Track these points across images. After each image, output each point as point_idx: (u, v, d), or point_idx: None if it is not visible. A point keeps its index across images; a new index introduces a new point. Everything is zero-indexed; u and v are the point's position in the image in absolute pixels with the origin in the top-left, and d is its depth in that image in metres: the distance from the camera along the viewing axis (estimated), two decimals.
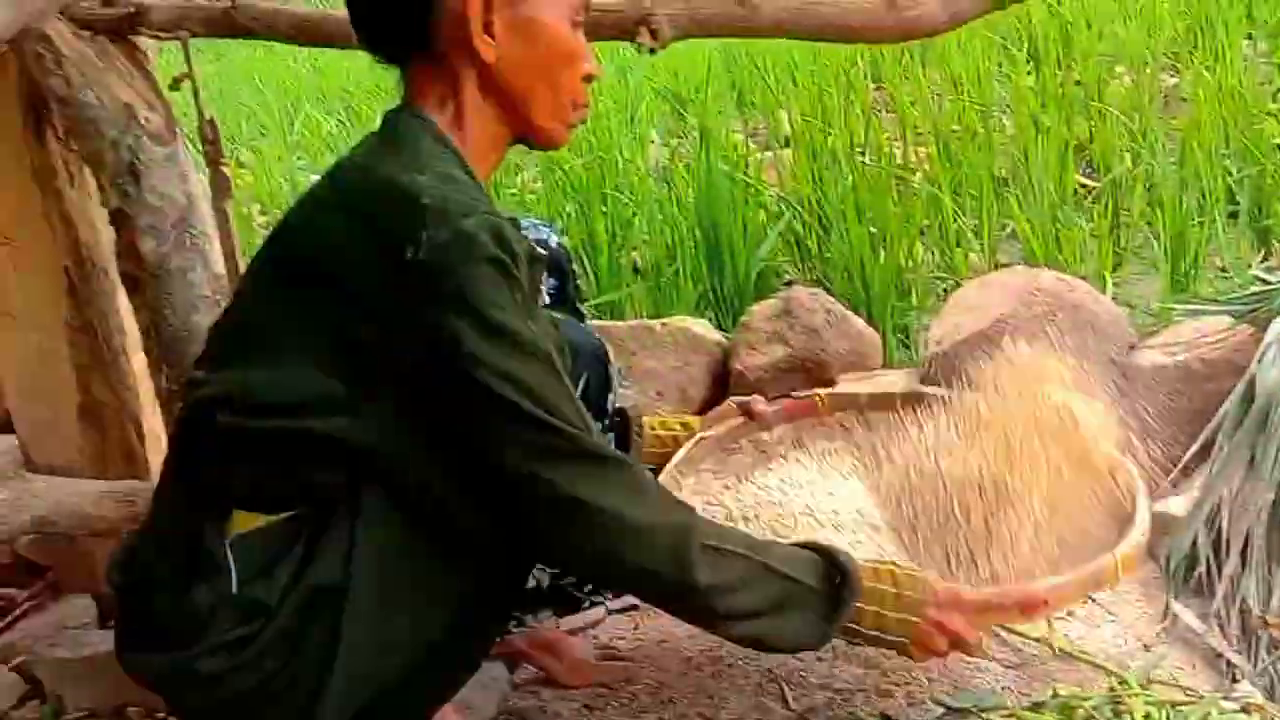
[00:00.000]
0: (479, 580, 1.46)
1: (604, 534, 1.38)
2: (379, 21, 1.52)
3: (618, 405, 1.86)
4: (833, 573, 1.50)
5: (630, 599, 2.07)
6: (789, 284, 2.94)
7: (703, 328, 2.51)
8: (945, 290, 2.82)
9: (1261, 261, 2.74)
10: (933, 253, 3.00)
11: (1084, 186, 3.22)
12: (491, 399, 1.34)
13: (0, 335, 2.15)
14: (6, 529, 1.87)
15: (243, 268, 2.00)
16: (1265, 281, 2.38)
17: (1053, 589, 1.60)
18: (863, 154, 3.30)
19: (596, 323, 2.35)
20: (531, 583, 1.77)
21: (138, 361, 2.15)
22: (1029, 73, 3.94)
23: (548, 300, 1.85)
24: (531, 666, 1.92)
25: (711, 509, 1.89)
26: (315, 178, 4.15)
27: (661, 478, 1.86)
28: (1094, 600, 1.94)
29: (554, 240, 1.88)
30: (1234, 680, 1.74)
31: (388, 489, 1.41)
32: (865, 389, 2.09)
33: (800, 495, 1.90)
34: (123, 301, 2.11)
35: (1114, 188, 3.04)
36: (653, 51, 1.80)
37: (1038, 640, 1.84)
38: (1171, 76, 3.96)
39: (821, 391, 2.10)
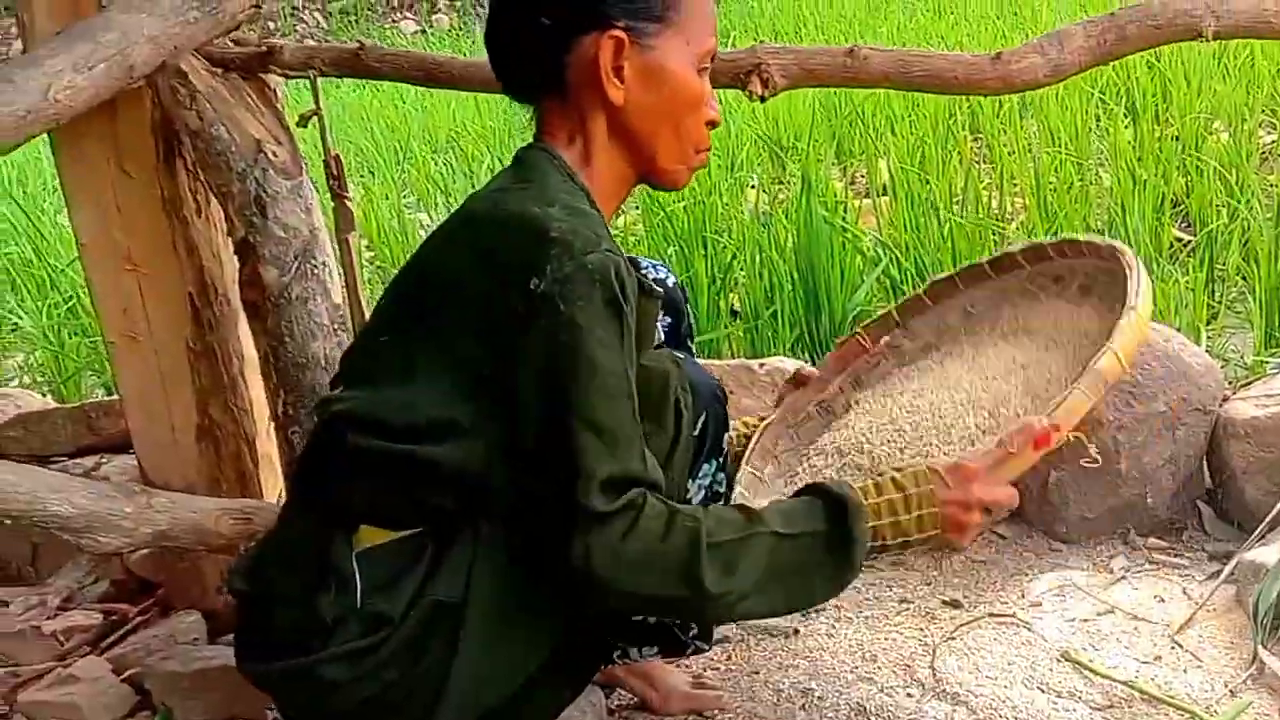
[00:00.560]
0: (578, 601, 1.50)
1: (610, 577, 1.40)
2: (516, 62, 1.59)
3: None
4: (835, 508, 1.51)
5: (723, 630, 2.10)
6: None
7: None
8: None
9: None
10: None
11: (1180, 240, 3.22)
12: (563, 430, 1.38)
13: (126, 357, 2.21)
14: (130, 542, 1.92)
15: (361, 298, 2.09)
16: None
17: (1056, 414, 1.55)
18: (959, 203, 3.32)
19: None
20: (639, 617, 1.82)
21: (255, 386, 2.22)
22: (1126, 127, 3.95)
23: (662, 338, 1.90)
24: (626, 692, 1.95)
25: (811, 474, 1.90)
26: (422, 216, 4.28)
27: (741, 478, 1.89)
28: (1181, 646, 1.95)
29: (671, 280, 1.91)
30: None
31: (500, 514, 1.47)
32: (893, 306, 2.09)
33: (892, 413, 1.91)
34: (243, 328, 2.19)
35: (1210, 242, 3.03)
36: (763, 99, 1.85)
37: (1125, 684, 1.85)
38: (1269, 133, 3.95)
39: (859, 329, 2.10)
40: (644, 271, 1.60)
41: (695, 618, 1.65)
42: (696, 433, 1.69)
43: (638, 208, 3.82)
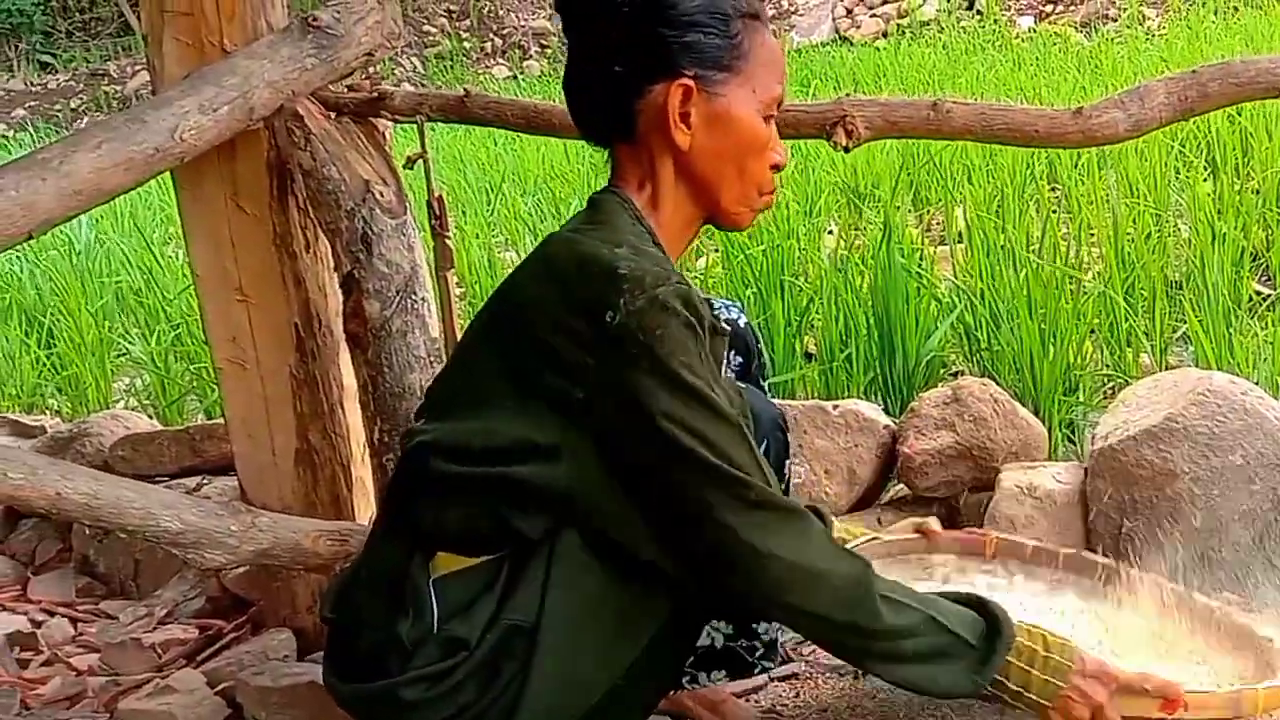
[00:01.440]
0: (660, 629, 1.56)
1: (778, 578, 1.47)
2: (591, 108, 1.67)
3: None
4: (989, 628, 1.57)
5: (793, 667, 2.15)
6: (956, 375, 3.01)
7: (873, 411, 2.59)
8: (1114, 388, 2.85)
9: None
10: (1102, 351, 3.04)
11: (1259, 294, 3.23)
12: (677, 450, 1.45)
13: (233, 382, 2.32)
14: (234, 559, 2.02)
15: (456, 332, 2.17)
16: None
17: (1195, 694, 1.63)
18: (1036, 252, 3.36)
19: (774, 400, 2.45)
20: (706, 641, 1.87)
21: (353, 414, 2.31)
22: (1206, 180, 3.96)
23: (732, 375, 1.95)
24: None
25: None
26: (511, 254, 4.36)
27: None
28: None
29: (742, 320, 1.97)
30: None
31: (582, 535, 1.52)
32: (1031, 541, 2.13)
33: None
34: (344, 358, 2.28)
35: None
36: (847, 150, 1.91)
37: None
38: None
39: (993, 534, 2.14)
40: (716, 311, 1.67)
41: (837, 646, 1.63)
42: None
43: (717, 250, 3.89)
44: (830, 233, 4.11)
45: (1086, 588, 2.04)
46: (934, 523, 2.09)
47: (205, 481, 2.82)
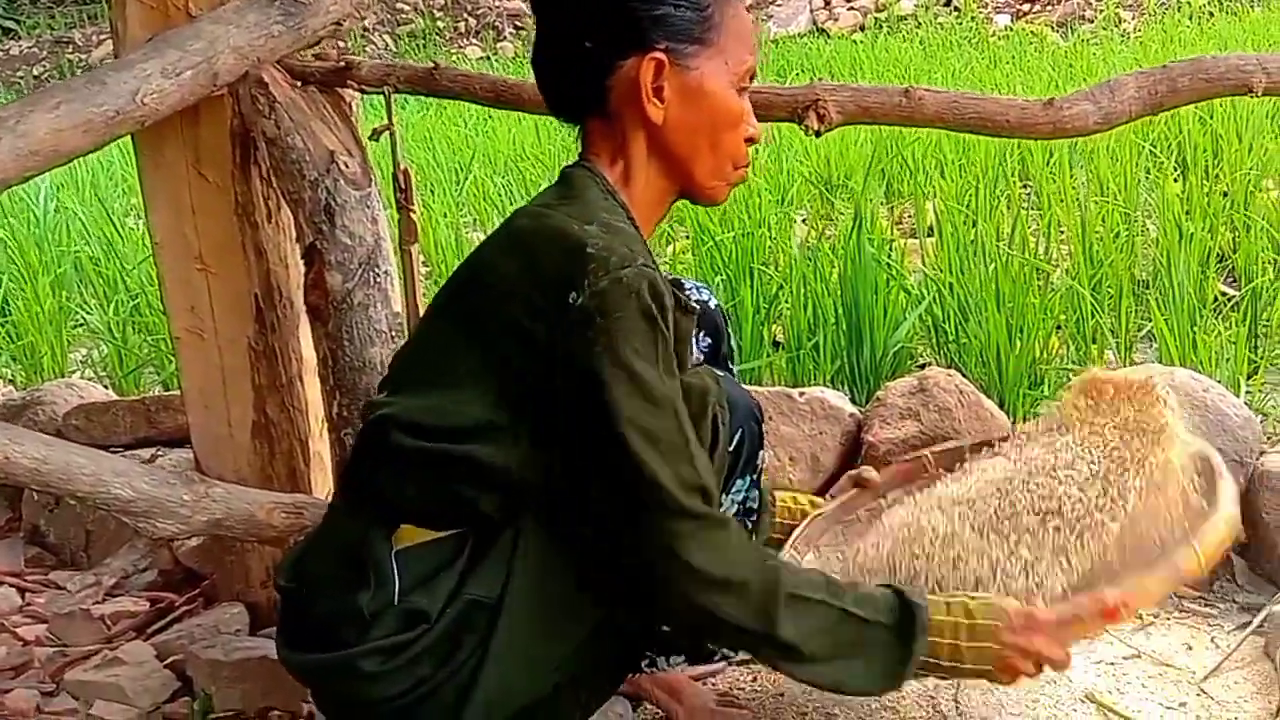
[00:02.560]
0: (618, 611, 1.55)
1: (689, 585, 1.46)
2: (561, 84, 1.65)
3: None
4: (906, 614, 1.57)
5: None
6: (923, 366, 3.00)
7: (839, 399, 2.58)
8: None
9: None
10: (1068, 346, 3.04)
11: (1224, 295, 3.24)
12: (616, 441, 1.44)
13: (190, 352, 2.28)
14: (186, 529, 1.99)
15: (420, 307, 2.15)
16: None
17: (1130, 592, 1.60)
18: (1007, 247, 3.36)
19: None
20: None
21: (312, 387, 2.28)
22: (1176, 180, 3.98)
23: (700, 357, 1.94)
24: (654, 707, 1.98)
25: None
26: (479, 234, 4.34)
27: (782, 556, 1.90)
28: (1206, 694, 1.97)
29: (713, 302, 1.96)
30: None
31: (540, 516, 1.51)
32: (969, 441, 2.13)
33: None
34: (304, 331, 2.25)
35: (1254, 297, 3.06)
36: (818, 134, 1.90)
37: None
38: None
39: (927, 452, 2.14)
40: (686, 292, 1.65)
41: (752, 650, 1.66)
42: (732, 448, 1.74)
43: (688, 237, 3.89)
44: (803, 222, 4.10)
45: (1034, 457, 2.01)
46: (869, 471, 2.10)
47: (160, 453, 2.79)
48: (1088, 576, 1.71)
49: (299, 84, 2.15)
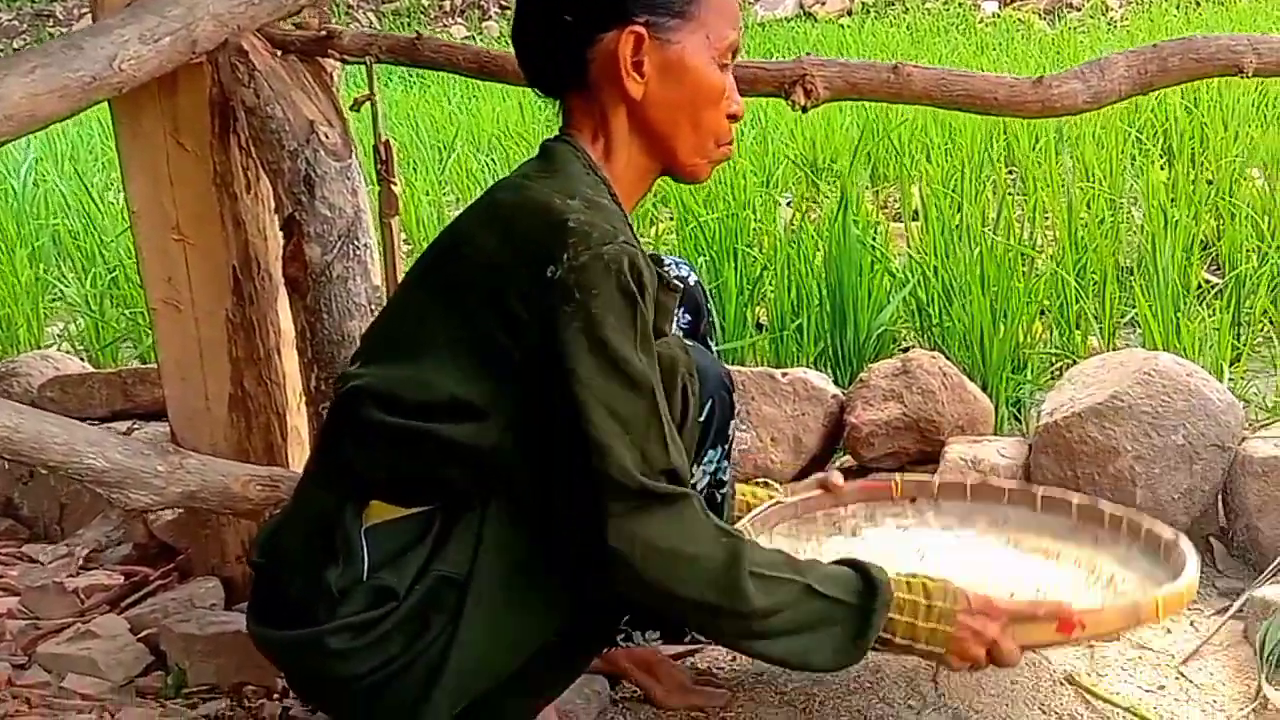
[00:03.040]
0: (590, 587, 1.53)
1: (647, 563, 1.44)
2: (541, 58, 1.63)
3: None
4: (865, 587, 1.55)
5: None
6: (907, 349, 2.99)
7: (822, 380, 2.57)
8: (1061, 368, 2.85)
9: None
10: (1052, 331, 3.04)
11: (1208, 283, 3.24)
12: (583, 418, 1.42)
13: (166, 324, 2.26)
14: (160, 500, 1.96)
15: (399, 281, 2.12)
16: None
17: (1089, 611, 1.63)
18: (990, 229, 3.35)
19: None
20: None
21: (290, 361, 2.26)
22: (1162, 167, 3.97)
23: (680, 334, 1.92)
24: (631, 684, 1.97)
25: None
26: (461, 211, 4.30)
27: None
28: (1185, 677, 1.97)
29: (692, 278, 1.94)
30: None
31: (510, 493, 1.49)
32: (938, 478, 2.14)
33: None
34: (282, 304, 2.23)
35: (1238, 285, 3.05)
36: (804, 109, 1.88)
37: (1127, 710, 1.87)
38: None
39: (898, 476, 2.15)
40: (666, 268, 1.64)
41: (714, 631, 1.65)
42: (702, 418, 1.72)
43: (672, 217, 3.86)
44: (787, 204, 4.09)
45: (997, 515, 2.05)
46: (837, 476, 2.09)
47: (136, 426, 2.77)
48: None
49: (279, 53, 2.12)
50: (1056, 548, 1.98)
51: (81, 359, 3.37)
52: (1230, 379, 2.72)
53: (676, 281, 1.61)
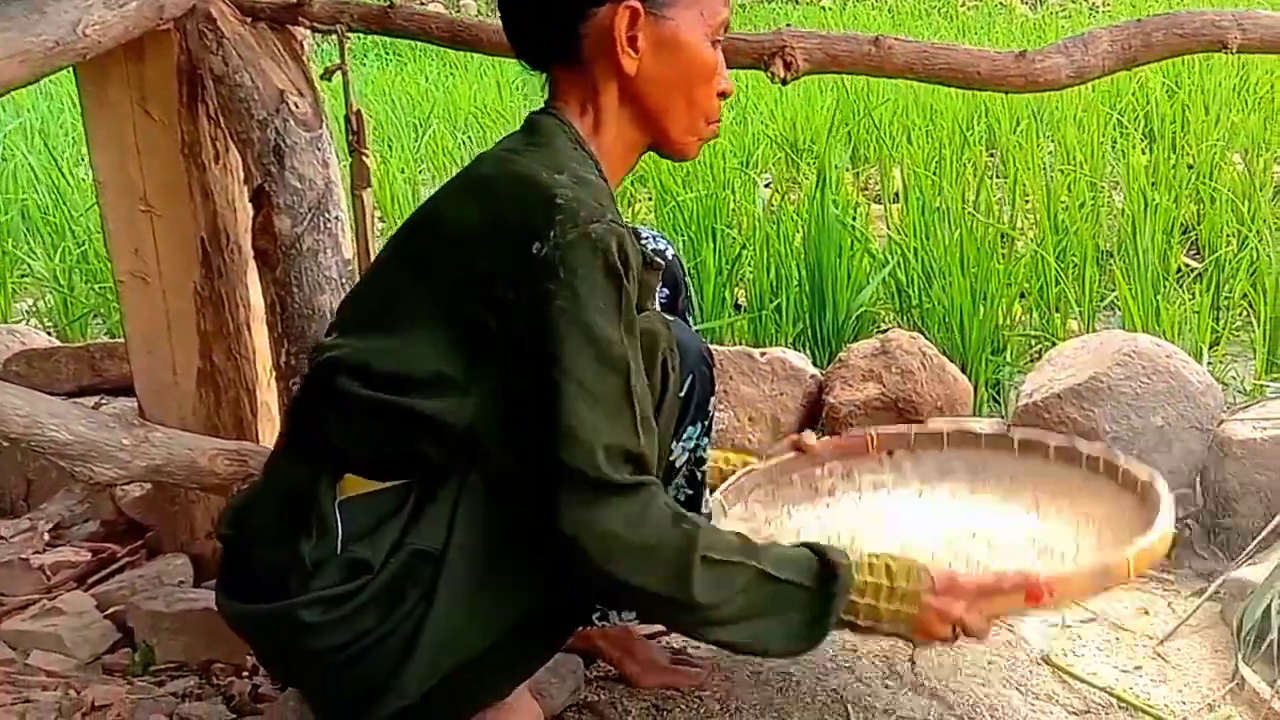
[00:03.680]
0: (564, 567, 1.51)
1: (603, 551, 1.41)
2: (531, 29, 1.60)
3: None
4: (823, 570, 1.52)
5: None
6: (886, 330, 2.98)
7: (801, 360, 2.54)
8: (1040, 350, 2.84)
9: None
10: (1031, 314, 3.03)
11: (1188, 267, 3.23)
12: (559, 397, 1.39)
13: (134, 296, 2.23)
14: (125, 474, 1.92)
15: (372, 254, 2.09)
16: None
17: (1057, 578, 1.59)
18: (972, 213, 3.34)
19: None
20: None
21: (259, 335, 2.23)
22: (1143, 151, 3.97)
23: (658, 309, 1.90)
24: (605, 663, 1.95)
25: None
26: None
27: (709, 501, 1.87)
28: (1162, 658, 1.95)
29: (670, 252, 1.91)
30: None
31: (485, 469, 1.47)
32: (913, 427, 2.11)
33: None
34: (252, 277, 2.20)
35: (1217, 268, 3.04)
36: (784, 82, 1.85)
37: (1103, 690, 1.86)
38: None
39: (873, 430, 2.12)
40: (644, 242, 1.61)
41: (667, 619, 1.64)
42: (682, 394, 1.70)
43: (650, 197, 3.84)
44: (766, 185, 4.06)
45: (974, 461, 2.03)
46: (810, 436, 2.07)
47: (104, 401, 2.73)
48: None
49: (248, 20, 2.09)
50: (1039, 496, 1.95)
51: (49, 334, 3.32)
52: (1209, 362, 2.72)
53: (658, 259, 1.58)
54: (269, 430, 2.26)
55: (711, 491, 1.92)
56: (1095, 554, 1.74)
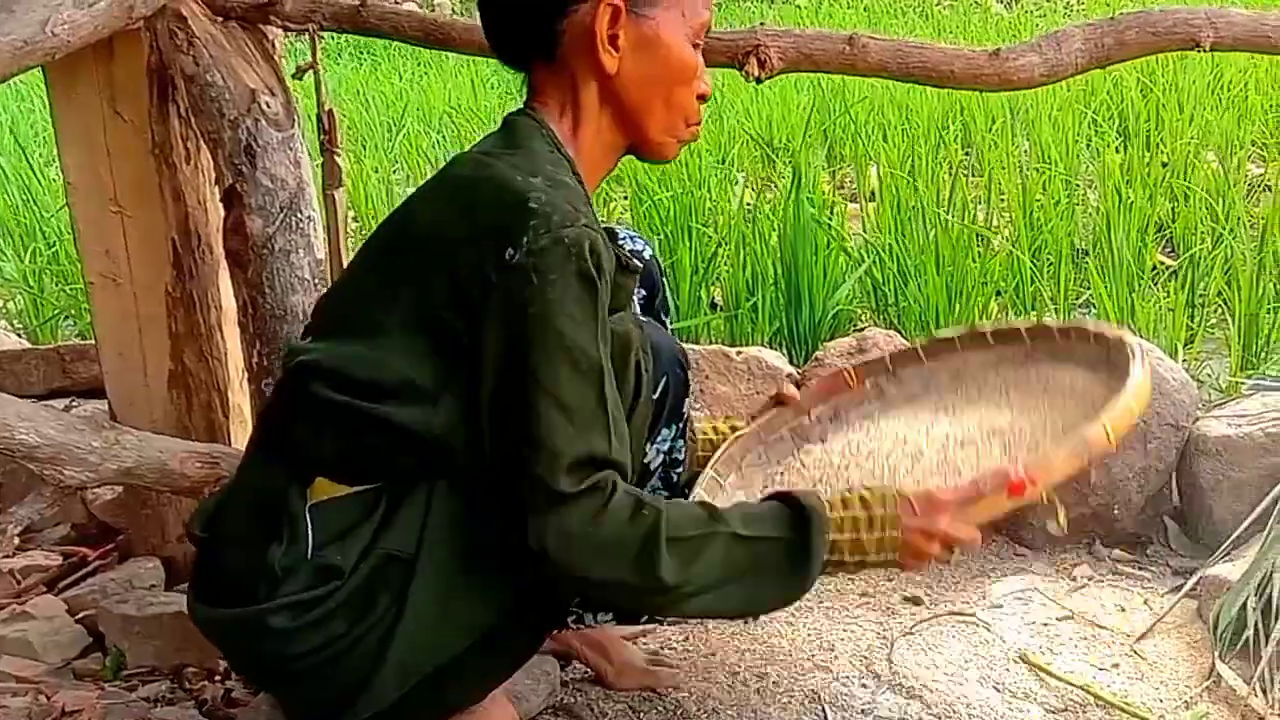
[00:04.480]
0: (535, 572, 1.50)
1: (567, 559, 1.40)
2: (510, 27, 1.58)
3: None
4: (796, 517, 1.51)
5: None
6: (862, 329, 2.98)
7: (776, 359, 2.54)
8: None
9: None
10: (1007, 312, 3.03)
11: (1162, 264, 3.24)
12: (528, 403, 1.38)
13: (104, 298, 2.21)
14: (95, 476, 1.90)
15: (344, 255, 2.08)
16: None
17: (1034, 464, 1.54)
18: (947, 212, 3.34)
19: None
20: None
21: (231, 337, 2.21)
22: (1117, 149, 3.98)
23: (636, 310, 1.89)
24: (582, 665, 1.95)
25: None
26: (410, 189, 4.26)
27: (702, 480, 1.85)
28: (1139, 655, 1.96)
29: (647, 252, 1.91)
30: None
31: (457, 473, 1.46)
32: (889, 354, 2.07)
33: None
34: (223, 278, 2.17)
35: (1192, 266, 3.05)
36: (759, 81, 1.84)
37: (1081, 688, 1.86)
38: (1258, 166, 3.98)
39: (849, 366, 2.09)
40: (621, 242, 1.59)
41: (646, 607, 1.64)
42: (656, 396, 1.69)
43: (626, 197, 3.83)
44: (740, 183, 4.06)
45: (954, 367, 2.00)
46: (789, 387, 2.05)
47: (75, 404, 2.70)
48: None
49: (219, 19, 2.07)
50: (1020, 391, 1.91)
51: (19, 336, 3.29)
52: (1184, 359, 2.73)
53: (635, 262, 1.57)
54: (241, 432, 2.25)
55: (704, 463, 1.91)
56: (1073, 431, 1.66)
